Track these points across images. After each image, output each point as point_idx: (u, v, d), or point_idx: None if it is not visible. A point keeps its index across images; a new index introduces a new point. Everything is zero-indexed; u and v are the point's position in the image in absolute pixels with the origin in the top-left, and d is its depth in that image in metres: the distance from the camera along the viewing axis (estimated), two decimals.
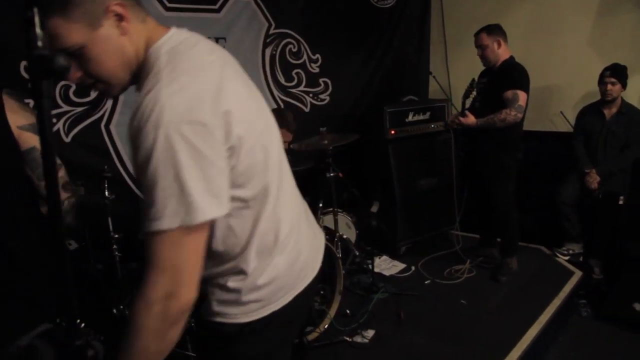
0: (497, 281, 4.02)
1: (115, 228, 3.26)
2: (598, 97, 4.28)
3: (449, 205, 4.59)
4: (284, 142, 3.60)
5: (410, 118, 4.65)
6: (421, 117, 4.72)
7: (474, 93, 3.97)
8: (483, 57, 3.95)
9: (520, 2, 5.10)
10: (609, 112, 4.22)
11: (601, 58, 4.51)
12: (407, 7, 5.55)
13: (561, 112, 4.82)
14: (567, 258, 4.38)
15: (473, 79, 4.02)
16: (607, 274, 4.04)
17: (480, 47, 3.92)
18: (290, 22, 4.68)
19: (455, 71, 5.66)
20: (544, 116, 4.99)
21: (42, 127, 0.83)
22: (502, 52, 3.89)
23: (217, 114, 1.15)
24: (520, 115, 3.73)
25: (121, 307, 3.00)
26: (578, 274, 4.08)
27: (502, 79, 3.83)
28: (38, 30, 0.78)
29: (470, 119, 3.84)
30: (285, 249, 1.42)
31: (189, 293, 1.16)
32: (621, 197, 4.13)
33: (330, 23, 4.94)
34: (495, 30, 3.88)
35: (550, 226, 4.54)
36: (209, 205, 1.13)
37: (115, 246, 3.26)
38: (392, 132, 4.54)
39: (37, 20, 0.77)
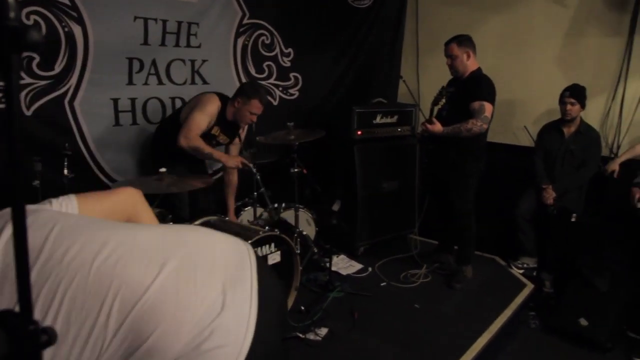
0: (451, 288, 4.08)
1: None
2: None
3: (409, 209, 4.64)
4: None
5: (377, 120, 4.67)
6: (388, 119, 4.74)
7: (443, 101, 4.01)
8: (452, 67, 3.99)
9: (494, 15, 5.18)
10: (568, 130, 4.33)
11: (565, 77, 4.63)
12: (382, 9, 5.57)
13: (525, 127, 4.92)
14: (521, 271, 4.47)
15: (443, 87, 4.06)
16: (557, 288, 4.14)
17: (450, 57, 3.95)
18: (265, 13, 4.63)
19: (425, 77, 5.71)
20: (508, 129, 5.09)
21: (9, 104, 0.79)
22: (470, 64, 3.94)
23: None
24: (485, 126, 3.79)
25: None
26: (530, 287, 4.16)
27: (469, 90, 3.87)
28: None
29: (437, 127, 3.88)
30: None
31: None
32: (574, 215, 4.24)
33: (305, 18, 4.91)
34: (465, 41, 3.93)
35: (506, 238, 4.63)
36: None
37: None
38: (359, 132, 4.54)
39: None
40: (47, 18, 3.29)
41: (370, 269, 4.39)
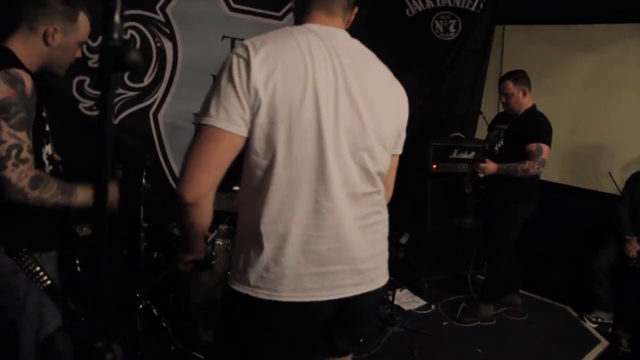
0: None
1: (145, 217, 3.28)
2: None
3: (478, 248, 4.50)
4: None
5: (454, 155, 4.59)
6: (465, 155, 4.65)
7: (501, 143, 3.92)
8: (506, 105, 3.93)
9: (583, 53, 4.98)
10: None
11: None
12: (468, 42, 5.48)
13: (609, 173, 4.68)
14: (595, 326, 4.21)
15: (500, 128, 3.98)
16: (636, 348, 3.87)
17: (506, 95, 3.89)
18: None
19: None
20: (591, 174, 4.85)
21: (103, 118, 0.81)
22: (525, 101, 3.87)
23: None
24: (541, 169, 3.71)
25: (147, 302, 3.00)
26: (604, 343, 3.92)
27: (525, 129, 3.80)
28: (117, 18, 0.77)
29: (491, 165, 3.78)
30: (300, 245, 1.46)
31: (181, 187, 1.40)
32: None
33: (386, 48, 4.81)
34: (521, 78, 3.85)
35: (580, 288, 4.39)
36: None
37: (142, 235, 3.27)
38: (434, 166, 4.47)
39: (117, 10, 0.75)
40: (142, 32, 3.45)
41: (433, 306, 4.28)
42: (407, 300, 4.31)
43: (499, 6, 5.24)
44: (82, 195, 1.82)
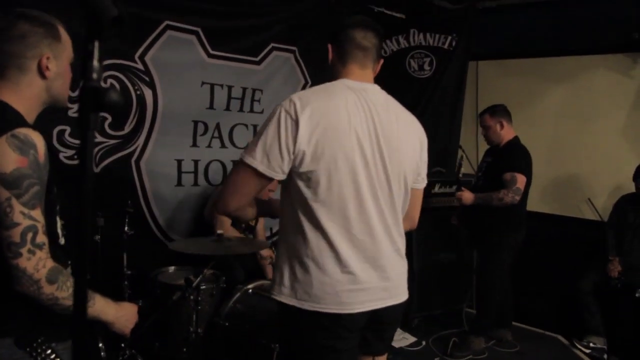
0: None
1: (129, 264, 3.25)
2: (628, 186, 4.21)
3: (466, 281, 4.50)
4: None
5: (436, 189, 4.62)
6: (447, 189, 4.68)
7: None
8: (486, 137, 4.08)
9: (555, 85, 5.12)
10: None
11: (632, 149, 4.49)
12: (443, 79, 5.60)
13: (589, 199, 4.75)
14: (588, 351, 4.20)
15: (486, 162, 4.07)
16: None
17: (484, 127, 4.05)
18: (326, 80, 4.73)
19: (484, 147, 5.62)
20: (571, 202, 4.92)
21: (84, 159, 0.81)
22: (505, 133, 3.98)
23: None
24: (517, 198, 3.76)
25: (133, 351, 2.95)
26: None
27: (502, 160, 3.92)
28: (95, 62, 0.78)
29: (467, 194, 3.86)
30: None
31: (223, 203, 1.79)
32: (639, 290, 3.99)
33: None
34: (499, 112, 3.98)
35: (569, 315, 4.40)
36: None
37: (126, 282, 3.23)
38: None
39: (96, 53, 0.77)
40: (121, 81, 3.48)
41: (423, 342, 4.24)
42: (397, 337, 4.25)
43: (472, 42, 5.39)
44: (100, 305, 1.59)
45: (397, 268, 1.91)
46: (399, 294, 1.93)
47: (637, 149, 4.45)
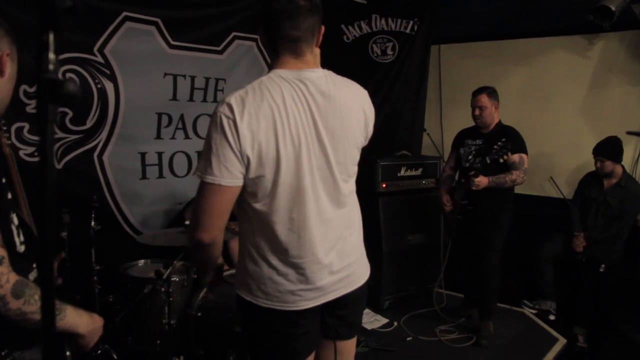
0: (479, 345, 3.95)
1: (97, 259, 3.22)
2: (589, 164, 4.34)
3: (435, 262, 4.57)
4: None
5: (402, 173, 4.67)
6: (413, 172, 4.74)
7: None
8: (480, 118, 3.97)
9: (515, 67, 5.23)
10: (608, 182, 4.28)
11: (591, 127, 4.62)
12: (405, 63, 5.65)
13: (551, 178, 4.87)
14: (534, 312, 4.51)
15: (480, 146, 4.00)
16: (592, 343, 3.99)
17: (480, 108, 3.95)
18: None
19: (448, 129, 5.71)
20: (535, 181, 5.04)
21: (44, 152, 0.81)
22: (496, 115, 4.01)
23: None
24: (525, 178, 3.86)
25: (106, 346, 2.93)
26: (562, 341, 4.03)
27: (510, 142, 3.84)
28: (51, 54, 0.77)
29: (484, 180, 3.83)
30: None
31: (198, 233, 1.66)
32: (602, 265, 4.12)
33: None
34: (494, 93, 3.98)
35: (531, 286, 4.62)
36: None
37: (95, 278, 3.20)
38: (384, 185, 4.54)
39: (51, 44, 0.77)
40: (81, 75, 3.41)
41: (395, 323, 4.31)
42: (369, 320, 4.32)
43: (433, 27, 5.44)
44: (72, 317, 1.50)
45: (348, 258, 1.89)
46: (353, 281, 1.92)
47: (595, 128, 4.57)
